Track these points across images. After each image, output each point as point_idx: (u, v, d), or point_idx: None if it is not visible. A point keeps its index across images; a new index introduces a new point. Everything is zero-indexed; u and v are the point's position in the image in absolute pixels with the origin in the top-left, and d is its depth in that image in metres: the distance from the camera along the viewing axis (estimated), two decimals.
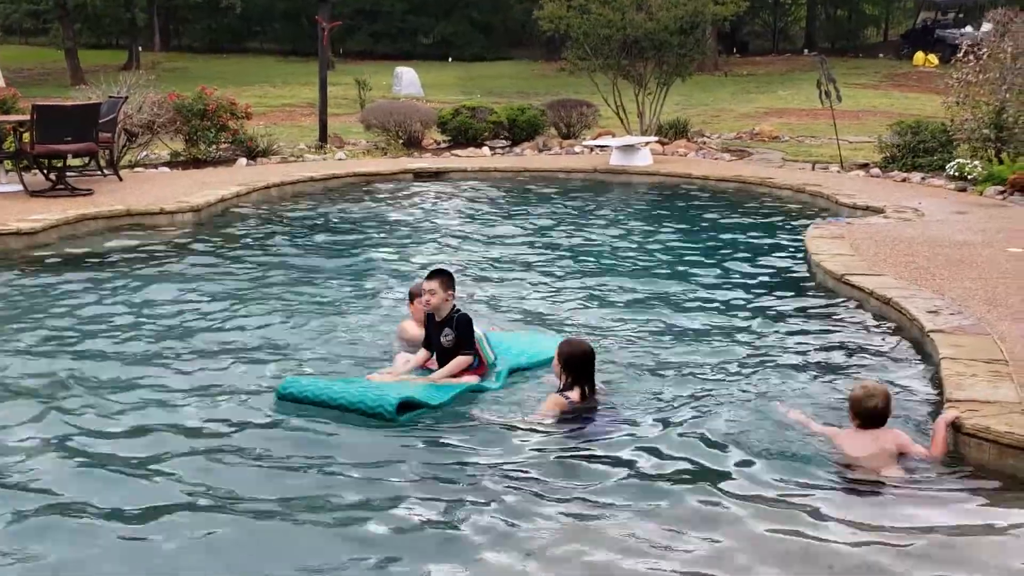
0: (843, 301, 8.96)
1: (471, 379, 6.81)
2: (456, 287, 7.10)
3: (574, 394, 6.28)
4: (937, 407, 6.22)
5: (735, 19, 27.98)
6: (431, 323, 7.02)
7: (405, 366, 6.95)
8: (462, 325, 6.90)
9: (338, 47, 44.74)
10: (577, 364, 6.34)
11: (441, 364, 6.89)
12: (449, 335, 6.89)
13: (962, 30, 33.54)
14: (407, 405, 6.18)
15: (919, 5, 44.25)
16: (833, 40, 49.59)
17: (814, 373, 7.12)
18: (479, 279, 9.98)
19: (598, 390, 6.43)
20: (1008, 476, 5.32)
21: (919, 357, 7.35)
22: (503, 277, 10.14)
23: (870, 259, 9.93)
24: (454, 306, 7.00)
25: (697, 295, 9.41)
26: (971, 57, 15.91)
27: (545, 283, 9.90)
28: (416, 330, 7.43)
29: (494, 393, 6.67)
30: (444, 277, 7.04)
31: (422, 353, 7.03)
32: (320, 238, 12.23)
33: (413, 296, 7.58)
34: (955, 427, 5.65)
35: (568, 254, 11.32)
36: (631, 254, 11.44)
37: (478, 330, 6.98)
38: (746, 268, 10.66)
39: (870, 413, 5.63)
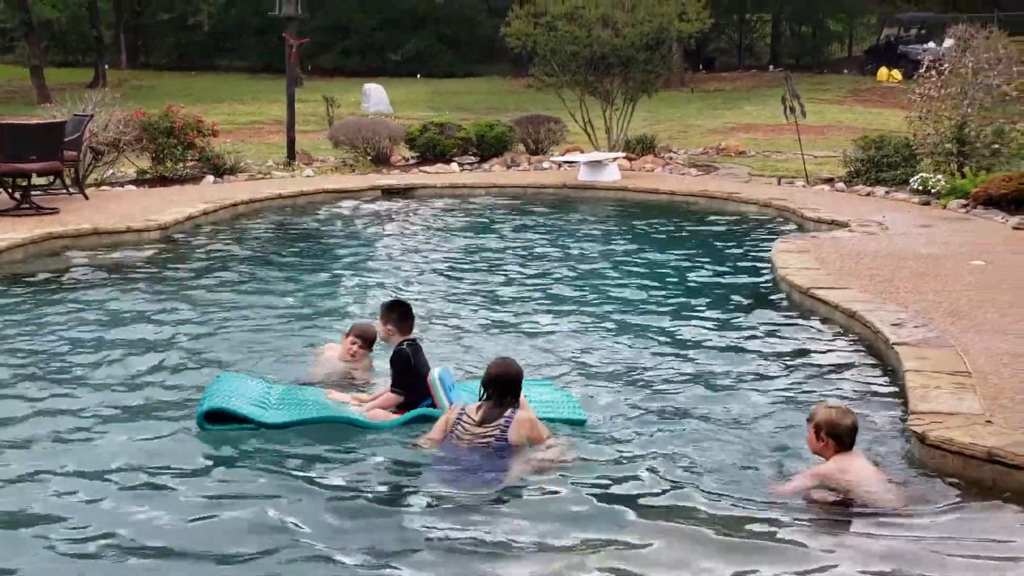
0: (809, 314, 9.03)
1: (385, 416, 6.31)
2: (399, 318, 6.60)
3: (471, 408, 5.85)
4: (901, 419, 6.29)
5: (701, 36, 28.11)
6: None
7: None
8: (395, 360, 6.45)
9: (308, 64, 44.63)
10: (494, 381, 5.88)
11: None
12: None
13: (925, 46, 33.90)
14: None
15: (882, 21, 44.69)
16: (798, 56, 49.98)
17: (779, 387, 7.17)
18: (444, 301, 9.85)
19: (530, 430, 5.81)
20: (972, 487, 5.38)
21: (884, 370, 7.42)
22: (467, 298, 10.04)
23: (835, 273, 10.02)
24: (404, 339, 6.52)
25: (663, 310, 9.45)
26: (933, 72, 16.11)
27: (509, 303, 9.83)
28: (326, 365, 7.23)
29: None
30: (385, 308, 6.74)
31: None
32: (288, 256, 12.19)
33: (350, 332, 7.33)
34: (919, 438, 5.71)
35: (535, 271, 11.32)
36: (598, 269, 11.47)
37: (434, 372, 6.35)
38: (713, 282, 10.73)
39: (851, 430, 5.34)
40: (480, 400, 5.89)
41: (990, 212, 13.64)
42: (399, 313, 6.65)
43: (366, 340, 7.19)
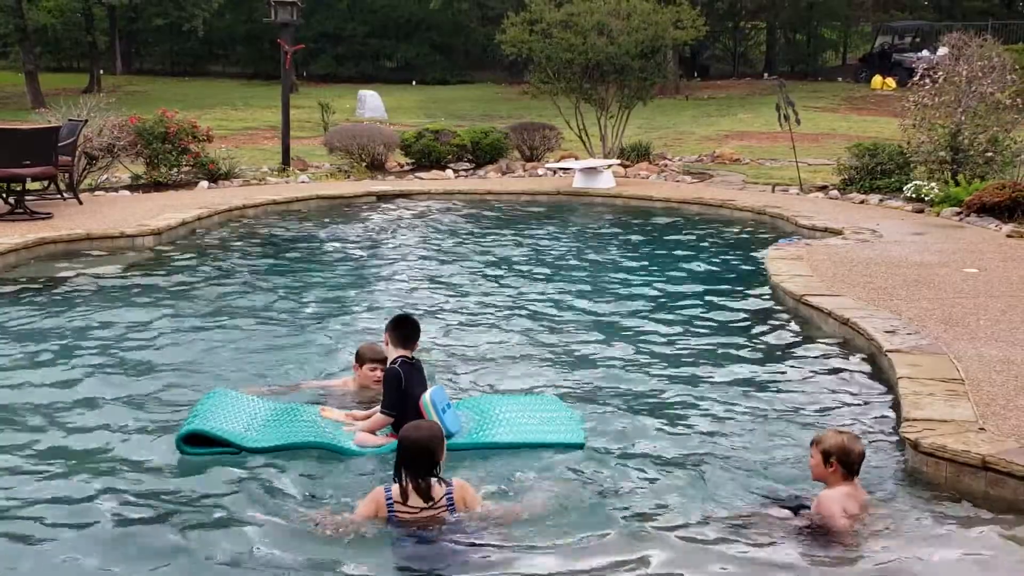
0: (802, 321, 9.05)
1: (376, 442, 6.02)
2: (395, 331, 6.27)
3: (394, 490, 4.99)
4: (895, 427, 6.30)
5: (696, 43, 28.24)
6: None
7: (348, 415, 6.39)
8: (386, 379, 6.14)
9: (302, 70, 44.75)
10: (407, 454, 5.03)
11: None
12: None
13: (919, 54, 34.04)
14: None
15: (876, 30, 44.82)
16: (792, 64, 50.18)
17: (772, 393, 7.17)
18: (437, 310, 9.76)
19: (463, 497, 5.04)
20: (965, 494, 5.38)
21: (877, 377, 7.43)
22: (461, 307, 9.97)
23: (829, 280, 10.04)
24: (399, 356, 6.18)
25: (656, 317, 9.45)
26: (927, 80, 16.15)
27: (503, 312, 9.75)
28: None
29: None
30: (389, 322, 6.42)
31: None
32: (281, 262, 12.18)
33: (363, 361, 7.01)
34: (913, 446, 5.72)
35: (528, 279, 11.27)
36: (591, 276, 11.47)
37: (426, 394, 5.99)
38: (706, 290, 10.72)
39: (861, 457, 5.19)
40: (401, 480, 5.00)
41: (984, 220, 13.67)
42: (396, 326, 6.31)
43: (383, 360, 6.66)
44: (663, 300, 10.16)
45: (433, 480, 4.97)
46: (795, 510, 5.20)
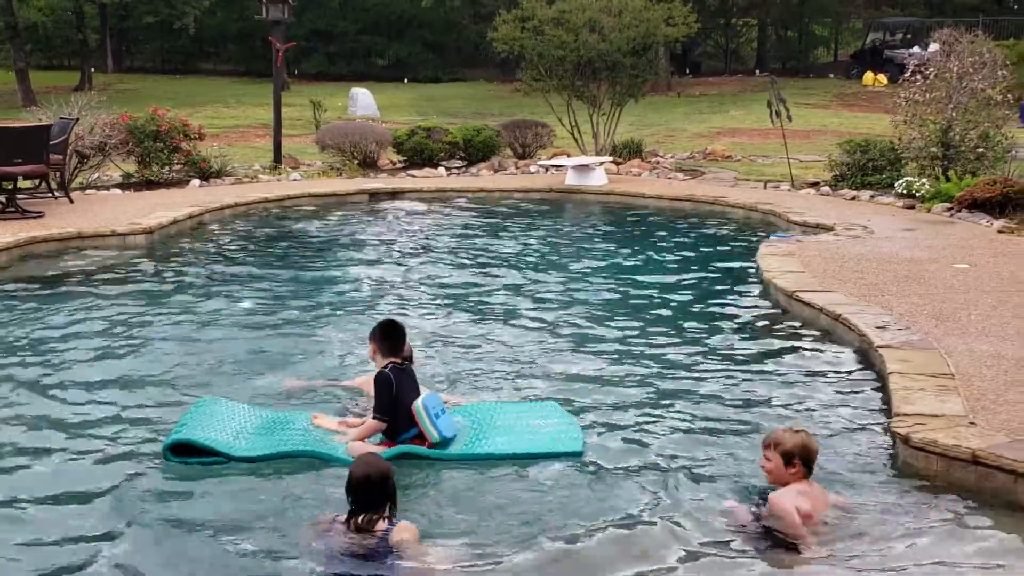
0: (794, 317, 9.07)
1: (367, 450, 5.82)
2: (383, 339, 6.19)
3: (341, 518, 4.88)
4: (886, 422, 6.32)
5: (687, 40, 28.16)
6: None
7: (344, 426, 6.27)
8: (376, 384, 6.04)
9: (293, 68, 44.65)
10: (360, 489, 4.86)
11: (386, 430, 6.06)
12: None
13: (910, 50, 34.04)
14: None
15: (868, 26, 44.86)
16: (784, 61, 50.24)
17: (763, 390, 7.19)
18: (428, 310, 9.73)
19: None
20: (955, 489, 5.40)
21: (868, 372, 7.45)
22: (453, 307, 9.88)
23: (820, 276, 10.06)
24: (389, 362, 6.11)
25: (647, 314, 9.46)
26: (918, 77, 16.18)
27: (496, 312, 9.70)
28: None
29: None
30: (375, 328, 6.31)
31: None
32: (274, 260, 12.17)
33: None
34: (903, 440, 5.74)
35: (521, 278, 11.25)
36: (583, 274, 11.47)
37: (419, 400, 5.94)
38: (698, 286, 10.75)
39: (816, 454, 5.15)
40: (351, 511, 4.87)
41: (975, 216, 13.70)
42: (383, 334, 6.21)
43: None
44: (654, 297, 10.17)
45: (377, 517, 4.79)
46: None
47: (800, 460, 5.05)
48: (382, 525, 4.77)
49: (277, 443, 5.99)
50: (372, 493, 4.81)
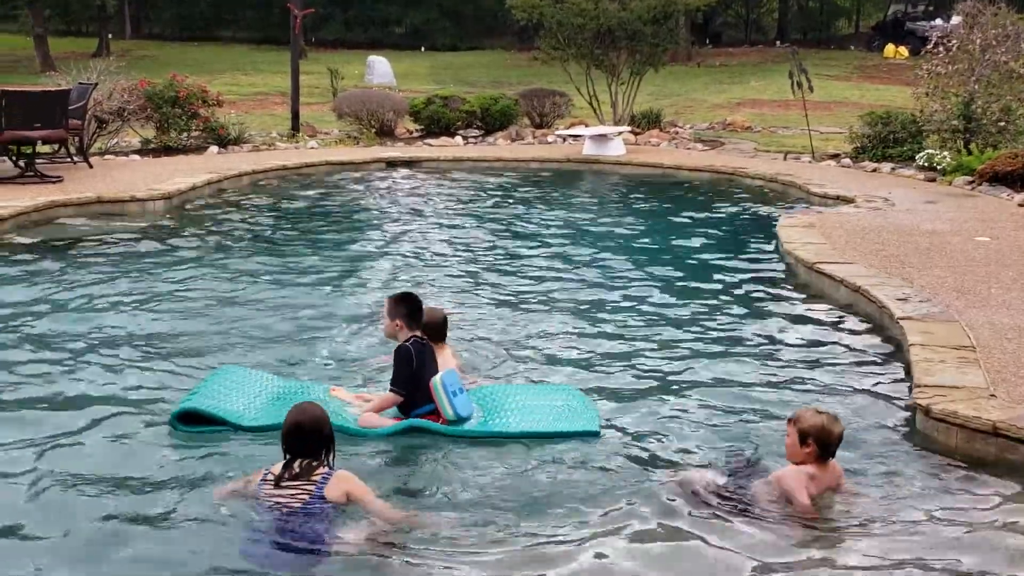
0: (814, 289, 9.04)
1: (380, 423, 5.87)
2: (409, 314, 6.08)
3: (276, 467, 4.84)
4: (907, 393, 6.30)
5: (708, 9, 28.05)
6: None
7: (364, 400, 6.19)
8: (397, 357, 5.97)
9: (310, 36, 44.51)
10: (292, 436, 4.86)
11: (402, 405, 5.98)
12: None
13: (932, 22, 33.78)
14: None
15: None
16: (805, 31, 49.88)
17: (784, 360, 7.17)
18: (447, 281, 9.63)
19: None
20: (976, 460, 5.39)
21: (889, 344, 7.43)
22: (469, 281, 9.77)
23: (841, 248, 10.01)
24: (412, 336, 6.03)
25: (668, 284, 9.45)
26: (941, 49, 16.05)
27: (514, 286, 9.56)
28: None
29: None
30: (390, 301, 6.21)
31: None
32: (292, 227, 12.18)
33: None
34: (924, 411, 5.72)
35: (538, 249, 11.18)
36: (602, 244, 11.46)
37: (437, 376, 5.86)
38: (718, 257, 10.72)
39: (839, 439, 4.99)
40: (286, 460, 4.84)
41: (996, 189, 13.61)
42: (408, 308, 6.10)
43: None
44: (674, 269, 10.14)
45: (316, 464, 4.78)
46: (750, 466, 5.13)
47: (815, 441, 4.91)
48: (322, 470, 4.77)
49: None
50: (305, 440, 4.82)
